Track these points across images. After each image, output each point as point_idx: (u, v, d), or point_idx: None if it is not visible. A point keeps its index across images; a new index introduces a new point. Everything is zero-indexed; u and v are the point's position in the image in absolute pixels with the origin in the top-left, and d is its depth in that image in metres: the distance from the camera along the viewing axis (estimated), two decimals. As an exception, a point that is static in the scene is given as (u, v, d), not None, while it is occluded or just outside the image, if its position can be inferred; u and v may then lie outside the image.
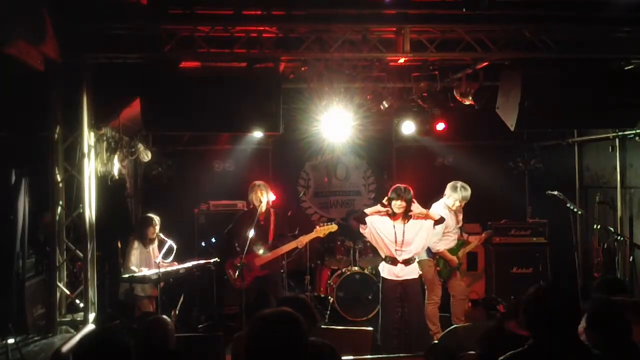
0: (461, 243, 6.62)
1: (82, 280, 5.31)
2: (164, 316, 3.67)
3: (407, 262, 5.76)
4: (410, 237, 5.73)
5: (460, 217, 6.55)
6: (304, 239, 6.20)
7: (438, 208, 6.28)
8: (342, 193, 9.35)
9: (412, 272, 5.81)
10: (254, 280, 6.15)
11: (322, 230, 6.29)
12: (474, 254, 7.83)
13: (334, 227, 6.35)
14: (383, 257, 5.89)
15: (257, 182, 6.25)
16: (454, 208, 6.37)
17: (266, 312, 2.30)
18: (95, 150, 5.53)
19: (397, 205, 5.65)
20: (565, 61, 5.59)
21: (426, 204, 6.16)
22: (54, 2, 4.40)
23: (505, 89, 5.73)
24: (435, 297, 6.38)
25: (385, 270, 5.83)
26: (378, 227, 5.76)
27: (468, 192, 6.34)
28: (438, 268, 6.37)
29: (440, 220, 5.90)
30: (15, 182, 4.99)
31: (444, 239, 6.37)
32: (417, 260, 5.96)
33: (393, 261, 5.76)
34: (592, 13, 5.19)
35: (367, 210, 5.87)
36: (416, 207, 5.76)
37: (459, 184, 6.37)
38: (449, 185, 6.43)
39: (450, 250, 6.44)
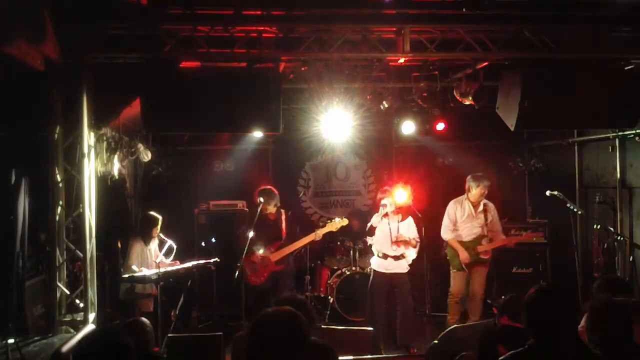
0: (478, 239, 6.59)
1: (82, 280, 5.31)
2: (143, 318, 3.67)
3: (396, 257, 6.34)
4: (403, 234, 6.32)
5: (480, 210, 6.65)
6: (321, 232, 6.65)
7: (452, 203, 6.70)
8: (342, 193, 9.33)
9: (400, 266, 6.37)
10: (271, 275, 6.56)
11: (336, 224, 6.75)
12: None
13: (345, 222, 6.82)
14: (375, 253, 6.45)
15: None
16: (473, 199, 6.62)
17: (268, 311, 2.28)
18: (95, 150, 5.53)
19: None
20: (566, 61, 5.58)
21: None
22: (53, 2, 4.39)
23: (505, 89, 5.73)
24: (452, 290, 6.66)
25: (375, 263, 6.49)
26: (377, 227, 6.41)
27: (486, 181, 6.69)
28: (445, 251, 6.62)
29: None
30: (15, 182, 4.97)
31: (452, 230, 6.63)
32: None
33: (384, 256, 6.38)
34: (592, 13, 5.19)
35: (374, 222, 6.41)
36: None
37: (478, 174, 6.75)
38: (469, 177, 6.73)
39: (464, 244, 6.54)
